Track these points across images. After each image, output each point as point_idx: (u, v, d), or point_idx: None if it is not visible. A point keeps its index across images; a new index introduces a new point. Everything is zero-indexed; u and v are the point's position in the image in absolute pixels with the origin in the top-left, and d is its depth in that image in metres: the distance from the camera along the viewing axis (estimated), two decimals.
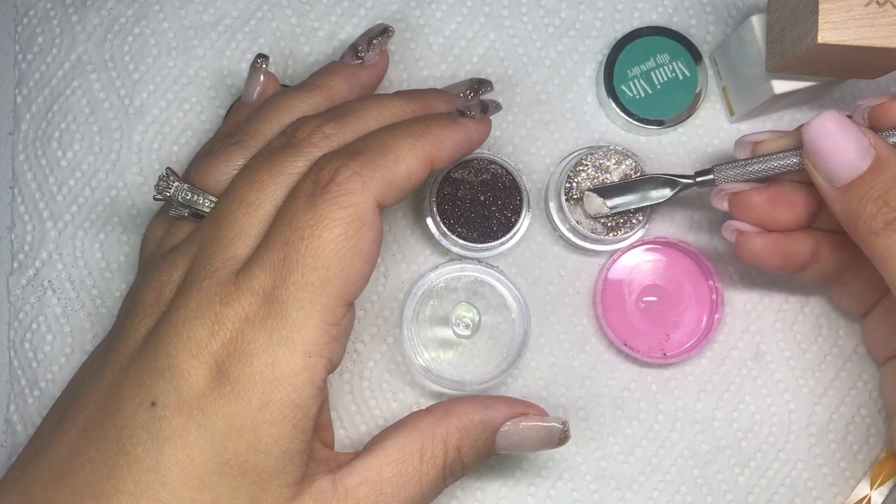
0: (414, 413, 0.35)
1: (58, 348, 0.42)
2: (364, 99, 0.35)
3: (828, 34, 0.32)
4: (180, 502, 0.28)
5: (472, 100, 0.38)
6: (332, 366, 0.31)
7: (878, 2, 0.32)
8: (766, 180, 0.37)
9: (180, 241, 0.33)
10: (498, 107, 0.38)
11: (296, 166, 0.32)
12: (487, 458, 0.35)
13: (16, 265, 0.43)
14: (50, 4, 0.44)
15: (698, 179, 0.38)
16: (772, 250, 0.36)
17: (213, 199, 0.33)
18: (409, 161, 0.32)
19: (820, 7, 0.32)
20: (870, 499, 0.41)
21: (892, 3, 0.32)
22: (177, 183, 0.34)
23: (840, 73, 0.37)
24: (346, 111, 0.34)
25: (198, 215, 0.33)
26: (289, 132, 0.34)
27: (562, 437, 0.35)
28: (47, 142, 0.44)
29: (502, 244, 0.41)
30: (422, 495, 0.33)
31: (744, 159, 0.37)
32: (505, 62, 0.44)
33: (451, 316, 0.40)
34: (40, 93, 0.44)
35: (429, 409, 0.35)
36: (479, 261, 0.41)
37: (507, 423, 0.35)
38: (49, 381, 0.42)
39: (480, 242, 0.41)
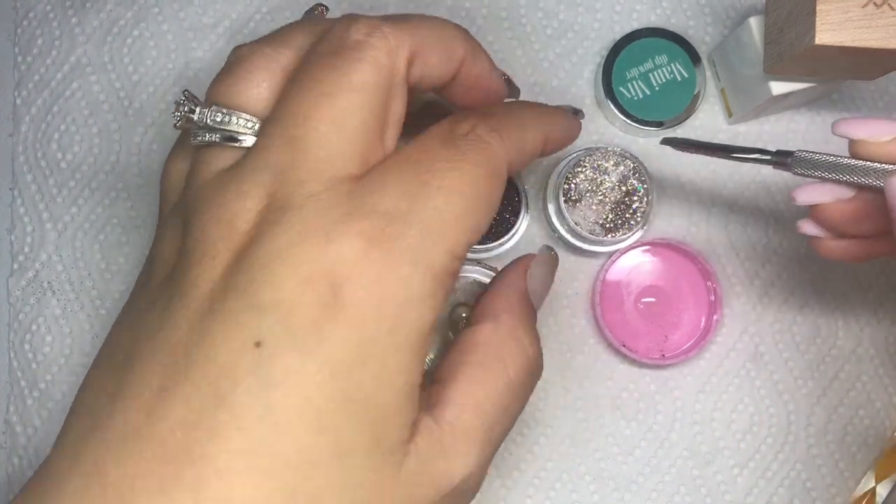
0: (467, 332, 0.32)
1: (57, 349, 0.42)
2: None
3: (825, 35, 0.32)
4: (299, 452, 0.25)
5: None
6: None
7: (875, 3, 0.32)
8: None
9: (222, 169, 0.29)
10: (583, 114, 0.38)
11: (363, 74, 0.28)
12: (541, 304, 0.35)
13: (16, 266, 0.43)
14: (49, 6, 0.44)
15: (775, 160, 0.34)
16: (848, 254, 0.35)
17: (251, 118, 0.29)
18: (534, 132, 0.31)
19: (817, 8, 0.32)
20: (875, 492, 0.41)
21: (889, 4, 0.32)
22: (199, 107, 0.29)
23: (838, 74, 0.37)
24: (400, 17, 0.31)
25: (231, 139, 0.29)
26: (338, 31, 0.29)
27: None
28: (47, 143, 0.44)
29: (501, 245, 0.41)
30: (516, 397, 0.31)
31: (831, 157, 0.33)
32: (503, 63, 0.44)
33: (450, 317, 0.40)
34: (40, 94, 0.44)
35: (481, 324, 0.32)
36: (478, 262, 0.41)
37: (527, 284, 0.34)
38: (48, 383, 0.42)
39: (479, 243, 0.41)
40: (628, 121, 0.42)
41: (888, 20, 0.32)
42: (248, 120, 0.29)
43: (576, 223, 0.41)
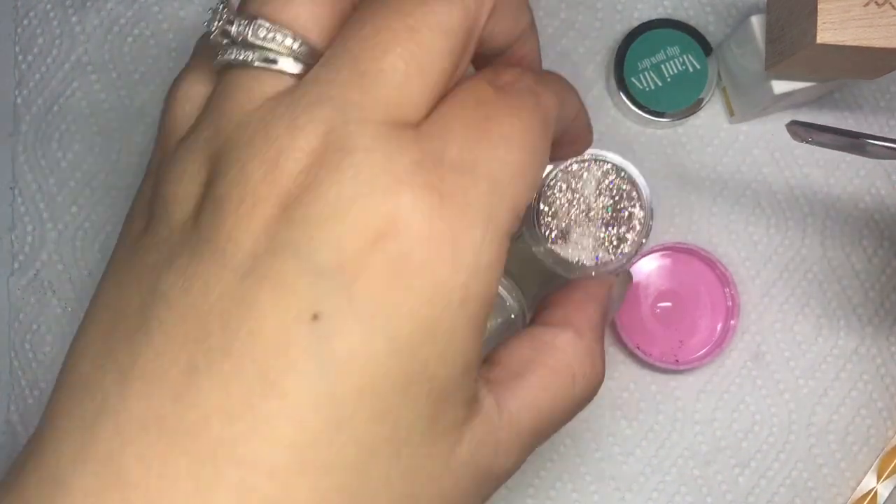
0: (545, 331, 0.30)
1: (58, 349, 0.42)
2: None
3: (826, 34, 0.32)
4: (359, 444, 0.22)
5: None
6: None
7: (876, 2, 0.32)
8: None
9: (266, 96, 0.25)
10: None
11: (453, 16, 0.25)
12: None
13: (16, 266, 0.43)
14: (50, 5, 0.44)
15: None
16: None
17: (301, 40, 0.25)
18: (573, 96, 0.28)
19: (819, 7, 0.32)
20: (876, 492, 0.41)
21: (890, 3, 0.32)
22: (239, 18, 0.25)
23: (839, 73, 0.37)
24: None
25: (271, 62, 0.25)
26: None
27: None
28: (47, 143, 0.44)
29: None
30: (569, 415, 0.29)
31: None
32: None
33: None
34: (40, 94, 0.44)
35: (562, 330, 0.30)
36: None
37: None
38: (49, 382, 0.42)
39: None
40: (641, 112, 0.42)
41: (889, 19, 0.32)
42: (297, 41, 0.24)
43: (578, 261, 0.36)
